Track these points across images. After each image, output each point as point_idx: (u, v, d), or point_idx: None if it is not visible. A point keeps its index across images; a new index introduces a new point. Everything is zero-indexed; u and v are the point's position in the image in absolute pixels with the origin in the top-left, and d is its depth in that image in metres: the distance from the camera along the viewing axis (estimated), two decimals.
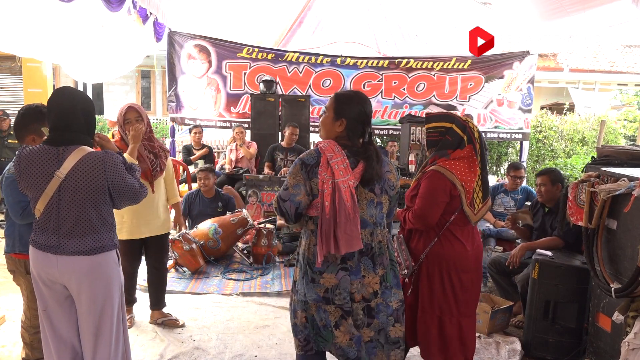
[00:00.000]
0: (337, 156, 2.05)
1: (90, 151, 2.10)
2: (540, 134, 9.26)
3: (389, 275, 2.16)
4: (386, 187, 2.15)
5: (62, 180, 2.04)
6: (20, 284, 2.63)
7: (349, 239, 2.01)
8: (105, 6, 4.15)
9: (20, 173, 2.09)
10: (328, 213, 2.02)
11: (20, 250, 2.53)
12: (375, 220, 2.13)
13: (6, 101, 8.29)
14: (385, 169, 2.15)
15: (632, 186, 2.51)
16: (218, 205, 5.32)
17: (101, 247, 2.11)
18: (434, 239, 2.50)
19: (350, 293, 2.11)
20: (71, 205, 2.06)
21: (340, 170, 2.03)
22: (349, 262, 2.09)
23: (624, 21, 4.81)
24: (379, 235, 2.14)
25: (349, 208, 2.00)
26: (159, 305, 3.53)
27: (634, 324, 2.37)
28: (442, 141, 2.57)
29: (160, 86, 14.48)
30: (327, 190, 2.02)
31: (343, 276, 2.10)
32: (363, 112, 2.13)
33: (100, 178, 2.07)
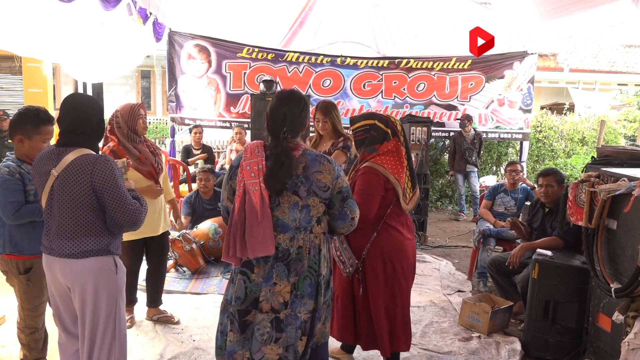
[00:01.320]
0: (253, 157, 2.01)
1: (86, 153, 2.08)
2: (540, 134, 9.26)
3: (301, 283, 2.01)
4: (314, 189, 2.00)
5: (55, 177, 2.05)
6: (14, 285, 2.62)
7: (256, 243, 1.93)
8: (101, 4, 4.14)
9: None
10: (237, 215, 1.97)
11: (10, 251, 2.51)
12: (299, 225, 2.00)
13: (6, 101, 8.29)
14: (313, 169, 2.01)
15: (632, 186, 2.51)
16: (217, 206, 5.31)
17: (92, 251, 2.08)
18: (373, 233, 2.59)
19: (258, 301, 1.99)
20: (60, 206, 2.06)
21: (251, 172, 1.98)
22: (256, 269, 2.00)
23: (624, 21, 4.82)
24: (300, 240, 2.01)
25: (257, 211, 1.93)
26: (155, 303, 3.54)
27: (634, 324, 2.37)
28: (368, 138, 2.68)
29: (160, 86, 14.48)
30: (239, 192, 1.99)
31: (239, 280, 2.02)
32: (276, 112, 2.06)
33: (86, 179, 2.03)
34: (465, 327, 3.58)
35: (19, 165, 2.46)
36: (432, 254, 5.61)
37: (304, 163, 2.02)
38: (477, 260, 4.62)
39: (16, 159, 2.50)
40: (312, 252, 2.04)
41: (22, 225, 2.47)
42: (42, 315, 2.72)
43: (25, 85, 7.75)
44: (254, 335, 2.00)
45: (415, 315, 3.77)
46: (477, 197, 7.11)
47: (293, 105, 2.08)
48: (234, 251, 1.98)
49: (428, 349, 3.27)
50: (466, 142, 7.28)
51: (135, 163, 3.12)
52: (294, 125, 2.07)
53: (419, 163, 6.13)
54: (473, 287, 4.53)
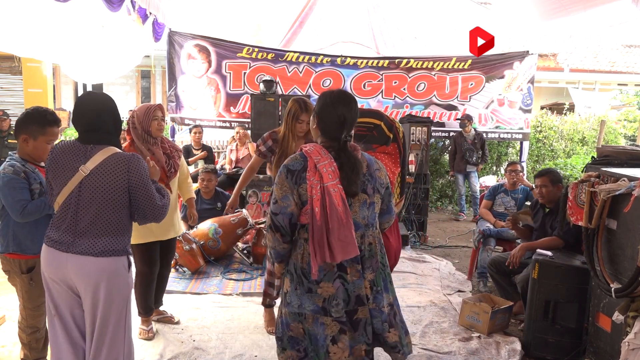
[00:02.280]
0: (324, 159, 1.96)
1: (117, 151, 2.10)
2: (540, 134, 9.26)
3: (378, 278, 2.06)
4: (377, 186, 2.06)
5: (85, 175, 2.03)
6: (16, 284, 2.62)
7: (344, 245, 1.91)
8: (106, 6, 4.15)
9: (49, 165, 2.12)
10: (319, 219, 1.91)
11: (14, 250, 2.52)
12: (367, 222, 2.04)
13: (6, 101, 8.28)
14: (374, 167, 2.07)
15: (632, 186, 2.51)
16: (217, 205, 5.31)
17: (112, 250, 2.08)
18: None
19: (366, 297, 2.02)
20: (90, 203, 2.04)
21: (329, 174, 1.93)
22: (349, 269, 1.99)
23: (624, 21, 4.82)
24: (369, 237, 2.05)
25: (341, 213, 1.90)
26: (157, 304, 3.52)
27: (634, 324, 2.37)
28: (368, 136, 2.68)
29: (160, 86, 14.48)
30: (316, 195, 1.92)
31: (339, 285, 1.99)
32: (334, 112, 2.01)
33: (123, 177, 2.05)
34: (465, 327, 3.58)
35: (23, 165, 2.48)
36: (432, 254, 5.61)
37: (366, 162, 2.06)
38: (477, 260, 4.62)
39: (20, 158, 2.51)
40: (379, 247, 2.09)
41: (25, 225, 2.48)
42: (44, 315, 2.72)
43: (25, 85, 7.77)
44: (373, 324, 2.03)
45: (415, 315, 3.78)
46: (477, 197, 7.11)
47: (352, 106, 2.06)
48: (322, 258, 1.92)
49: (428, 349, 3.27)
50: (467, 143, 7.28)
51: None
52: (352, 127, 2.07)
53: (419, 163, 6.13)
54: (473, 287, 4.53)
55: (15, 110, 8.15)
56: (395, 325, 2.10)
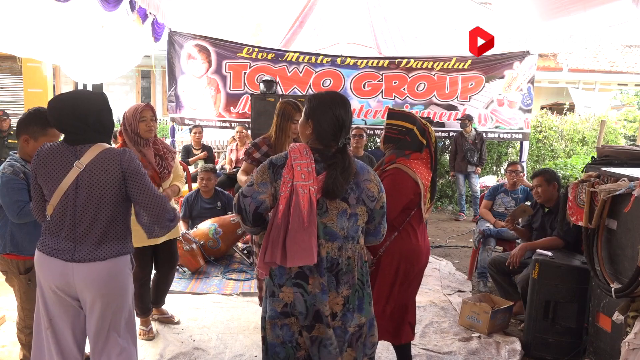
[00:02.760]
0: (302, 158, 1.84)
1: (108, 147, 2.05)
2: (540, 134, 9.26)
3: (353, 296, 1.92)
4: (363, 197, 1.90)
5: (80, 170, 1.97)
6: (13, 285, 2.62)
7: (299, 250, 1.77)
8: (102, 5, 4.14)
9: (37, 167, 2.02)
10: (280, 218, 1.80)
11: (11, 251, 2.51)
12: (347, 234, 1.88)
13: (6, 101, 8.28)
14: (363, 177, 1.92)
15: (632, 186, 2.51)
16: (217, 205, 5.31)
17: (117, 251, 2.05)
18: (394, 233, 2.55)
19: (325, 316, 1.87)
20: (88, 201, 1.98)
21: (302, 173, 1.81)
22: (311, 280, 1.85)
23: (624, 21, 4.82)
24: (348, 251, 1.89)
25: (304, 215, 1.77)
26: (158, 303, 3.50)
27: (634, 324, 2.37)
28: (401, 140, 2.60)
29: (160, 86, 14.48)
30: (285, 193, 1.81)
31: (297, 294, 1.87)
32: (332, 115, 1.90)
33: (116, 170, 2.00)
34: (465, 327, 3.58)
35: (23, 165, 2.47)
36: (432, 254, 5.60)
37: (355, 170, 1.92)
38: (477, 260, 4.62)
39: (20, 158, 2.50)
40: (360, 263, 1.95)
41: (23, 225, 2.47)
42: None
43: (25, 85, 7.76)
44: (327, 348, 1.89)
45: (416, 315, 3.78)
46: (478, 197, 7.11)
47: (347, 107, 1.96)
48: (271, 257, 1.82)
49: (428, 349, 3.27)
50: (467, 143, 7.28)
51: None
52: (349, 131, 2.00)
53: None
54: (473, 287, 4.53)
55: (15, 110, 8.14)
56: (354, 346, 1.96)
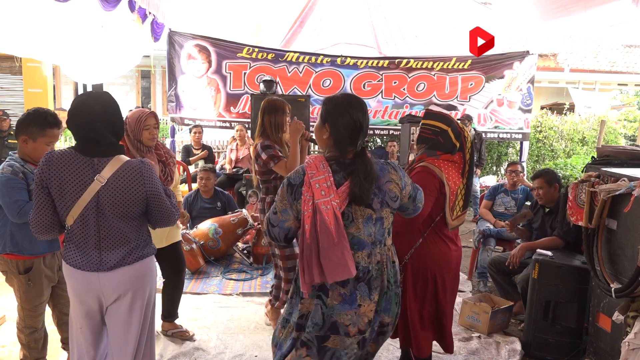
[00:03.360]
0: (320, 173, 1.81)
1: (127, 159, 2.01)
2: (540, 134, 9.26)
3: (382, 299, 1.91)
4: (387, 200, 1.88)
5: (102, 185, 1.92)
6: (13, 285, 2.62)
7: (336, 266, 1.76)
8: (101, 4, 4.14)
9: (49, 176, 1.92)
10: (309, 238, 1.78)
11: (11, 251, 2.51)
12: (374, 239, 1.87)
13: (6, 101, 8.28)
14: (384, 179, 1.88)
15: (632, 186, 2.51)
16: (217, 205, 5.32)
17: (143, 254, 2.07)
18: (419, 239, 2.50)
19: (344, 325, 1.85)
20: (112, 216, 1.96)
21: (321, 190, 1.78)
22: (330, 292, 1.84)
23: (624, 21, 4.82)
24: (377, 255, 1.88)
25: (333, 232, 1.75)
26: (172, 316, 3.36)
27: (634, 324, 2.37)
28: (433, 141, 2.57)
29: (160, 86, 14.49)
30: (308, 212, 1.79)
31: (316, 305, 1.86)
32: (350, 118, 1.86)
33: (139, 186, 1.98)
34: (465, 327, 3.58)
35: (22, 165, 2.47)
36: None
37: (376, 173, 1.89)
38: (477, 260, 4.62)
39: (19, 158, 2.50)
40: (389, 265, 1.93)
41: (23, 225, 2.46)
42: (42, 315, 2.72)
43: (25, 85, 7.76)
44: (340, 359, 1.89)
45: None
46: (477, 197, 7.11)
47: (364, 109, 1.93)
48: (311, 278, 1.80)
49: None
50: None
51: None
52: (367, 134, 1.95)
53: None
54: (473, 287, 4.52)
55: (15, 110, 8.14)
56: (376, 341, 2.00)
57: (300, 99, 7.12)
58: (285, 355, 1.92)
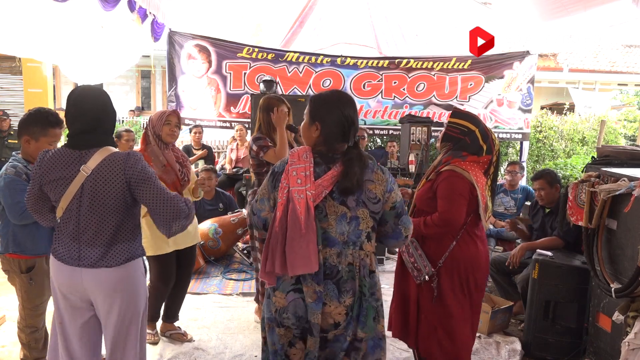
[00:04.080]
0: (300, 162, 1.77)
1: (114, 150, 1.98)
2: (540, 134, 9.25)
3: (356, 305, 1.81)
4: (364, 199, 1.79)
5: (87, 176, 1.90)
6: (15, 284, 2.62)
7: (299, 258, 1.70)
8: (100, 4, 4.15)
9: (41, 175, 1.95)
10: (277, 226, 1.74)
11: (14, 251, 2.51)
12: (347, 239, 1.78)
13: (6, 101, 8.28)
14: (365, 177, 1.80)
15: (632, 186, 2.51)
16: (219, 206, 5.31)
17: (125, 257, 1.99)
18: (452, 241, 2.47)
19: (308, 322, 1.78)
20: (92, 209, 1.93)
21: (298, 178, 1.74)
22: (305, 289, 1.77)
23: (624, 21, 4.82)
24: (349, 257, 1.79)
25: (302, 222, 1.69)
26: (172, 318, 3.36)
27: (634, 324, 2.37)
28: (460, 141, 2.51)
29: (160, 86, 14.49)
30: (282, 199, 1.75)
31: (294, 299, 1.78)
32: (341, 114, 1.83)
33: (119, 176, 1.92)
34: None
35: (25, 166, 2.47)
36: None
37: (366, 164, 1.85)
38: None
39: (22, 159, 2.51)
40: (362, 271, 1.82)
41: (26, 225, 2.47)
42: (43, 315, 2.73)
43: (25, 85, 7.75)
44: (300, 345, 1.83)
45: None
46: None
47: (355, 106, 1.91)
48: (272, 267, 1.75)
49: None
50: None
51: (160, 172, 2.96)
52: (357, 131, 1.90)
53: (419, 163, 6.12)
54: None
55: (15, 110, 8.14)
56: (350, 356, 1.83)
57: (300, 99, 7.12)
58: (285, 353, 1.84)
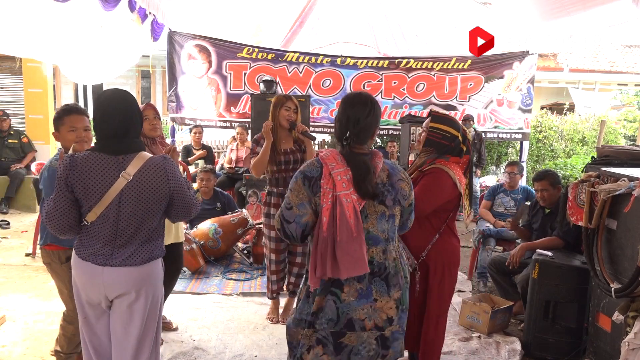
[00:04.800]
0: (339, 166, 1.82)
1: (150, 156, 2.01)
2: (540, 134, 9.26)
3: (404, 296, 1.91)
4: (399, 197, 1.90)
5: (128, 181, 1.93)
6: (57, 276, 2.63)
7: (352, 260, 1.74)
8: (101, 4, 4.15)
9: (73, 179, 1.92)
10: (326, 230, 1.75)
11: (52, 241, 2.55)
12: (388, 236, 1.88)
13: (6, 101, 8.26)
14: (396, 177, 1.92)
15: (632, 186, 2.51)
16: (216, 206, 5.32)
17: (150, 256, 2.04)
18: (435, 235, 2.53)
19: (360, 320, 1.83)
20: (133, 213, 1.96)
21: (343, 182, 1.78)
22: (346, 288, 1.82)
23: (624, 21, 4.81)
24: (392, 252, 1.89)
25: (352, 225, 1.75)
26: None
27: (634, 324, 2.37)
28: (445, 147, 2.56)
29: (161, 86, 14.49)
30: (327, 204, 1.77)
31: (329, 301, 1.83)
32: (344, 114, 1.91)
33: (164, 183, 1.99)
34: (465, 327, 3.58)
35: None
36: None
37: (387, 171, 1.91)
38: (477, 260, 4.62)
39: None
40: (403, 261, 1.96)
41: None
42: None
43: (25, 85, 7.76)
44: (359, 354, 1.87)
45: None
46: (477, 197, 7.11)
47: (359, 107, 1.91)
48: (323, 272, 1.77)
49: None
50: None
51: None
52: (360, 129, 1.90)
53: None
54: (473, 287, 4.53)
55: (15, 110, 8.13)
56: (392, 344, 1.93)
57: (300, 99, 7.12)
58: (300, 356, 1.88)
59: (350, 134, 1.89)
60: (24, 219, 6.60)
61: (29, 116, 7.79)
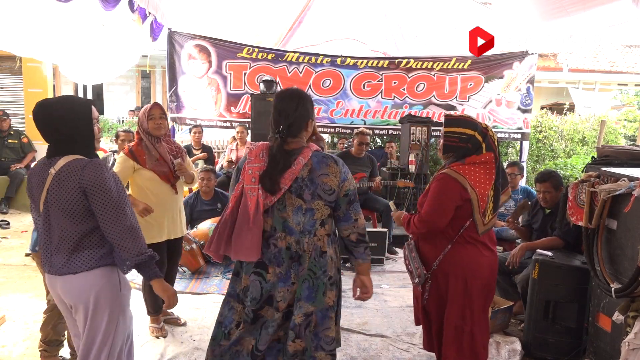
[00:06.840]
0: (256, 161, 2.02)
1: (78, 157, 1.93)
2: (540, 134, 9.26)
3: (301, 287, 2.03)
4: (319, 192, 1.99)
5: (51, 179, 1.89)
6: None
7: (243, 247, 1.96)
8: (101, 4, 4.15)
9: (27, 184, 2.04)
10: (229, 215, 1.99)
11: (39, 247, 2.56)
12: (303, 228, 2.01)
13: (6, 101, 8.27)
14: (319, 172, 1.99)
15: (632, 186, 2.51)
16: (217, 206, 5.31)
17: (92, 263, 1.93)
18: (447, 245, 2.44)
19: (273, 299, 2.04)
20: (56, 214, 1.91)
21: (252, 177, 1.99)
22: (273, 269, 2.02)
23: (624, 21, 4.81)
24: (305, 245, 2.02)
25: (251, 217, 1.94)
26: (157, 311, 3.39)
27: (634, 324, 2.37)
28: (463, 148, 2.45)
29: (161, 86, 14.49)
30: (235, 192, 2.02)
31: (253, 280, 2.04)
32: (276, 109, 2.06)
33: (75, 182, 1.87)
34: None
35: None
36: None
37: (310, 166, 2.00)
38: None
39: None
40: (314, 254, 2.04)
41: None
42: None
43: (25, 85, 7.77)
44: (266, 329, 2.06)
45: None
46: None
47: (287, 101, 2.06)
48: (217, 248, 2.01)
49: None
50: None
51: (154, 165, 3.11)
52: (291, 123, 2.02)
53: (419, 163, 6.12)
54: None
55: (16, 110, 8.14)
56: (303, 336, 2.03)
57: None
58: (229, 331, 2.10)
59: (282, 127, 2.01)
60: (24, 219, 6.60)
61: (29, 116, 7.79)
